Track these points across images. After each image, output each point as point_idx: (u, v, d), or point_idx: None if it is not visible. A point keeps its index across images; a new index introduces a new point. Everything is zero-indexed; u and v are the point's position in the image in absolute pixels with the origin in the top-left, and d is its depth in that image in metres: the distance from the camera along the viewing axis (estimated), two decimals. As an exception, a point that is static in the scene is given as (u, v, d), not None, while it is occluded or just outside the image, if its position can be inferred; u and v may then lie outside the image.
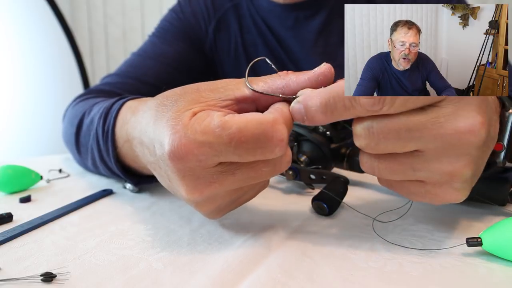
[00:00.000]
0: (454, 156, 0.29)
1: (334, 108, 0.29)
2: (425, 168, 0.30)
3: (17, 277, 0.29)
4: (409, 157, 0.30)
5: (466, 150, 0.29)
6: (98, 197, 0.45)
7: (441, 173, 0.30)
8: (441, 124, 0.28)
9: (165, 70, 0.72)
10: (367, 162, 0.32)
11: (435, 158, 0.29)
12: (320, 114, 0.29)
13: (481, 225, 0.38)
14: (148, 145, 0.34)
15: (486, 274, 0.30)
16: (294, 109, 0.31)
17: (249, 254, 0.33)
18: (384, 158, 0.31)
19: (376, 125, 0.29)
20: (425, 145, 0.29)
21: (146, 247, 0.34)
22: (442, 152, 0.29)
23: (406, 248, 0.33)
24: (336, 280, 0.29)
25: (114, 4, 1.82)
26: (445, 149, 0.29)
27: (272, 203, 0.44)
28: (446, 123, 0.28)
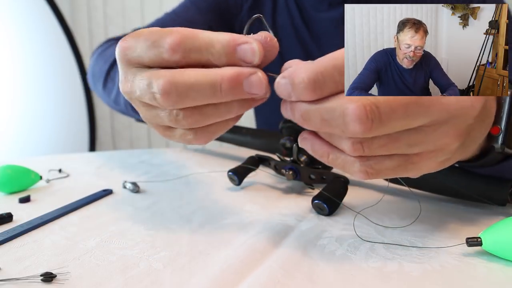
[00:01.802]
0: (451, 127, 0.28)
1: (323, 84, 0.26)
2: (421, 143, 0.28)
3: (17, 277, 0.29)
4: (406, 133, 0.27)
5: (463, 121, 0.28)
6: (98, 197, 0.45)
7: (434, 145, 0.28)
8: (444, 95, 0.27)
9: None
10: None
11: (433, 131, 0.28)
12: (309, 91, 0.26)
13: (481, 225, 0.38)
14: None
15: (486, 274, 0.30)
16: (279, 85, 0.28)
17: (249, 254, 0.33)
18: (379, 137, 0.28)
19: (382, 103, 0.25)
20: (431, 119, 0.27)
21: (146, 247, 0.34)
22: (440, 125, 0.27)
23: (406, 248, 0.33)
24: (336, 280, 0.29)
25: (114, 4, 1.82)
26: (445, 121, 0.27)
27: (272, 203, 0.44)
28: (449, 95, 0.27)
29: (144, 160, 0.62)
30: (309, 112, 0.27)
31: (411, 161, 0.29)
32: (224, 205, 0.44)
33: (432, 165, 0.30)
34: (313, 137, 0.30)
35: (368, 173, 0.29)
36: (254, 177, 0.52)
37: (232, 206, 0.43)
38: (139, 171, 0.56)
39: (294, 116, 0.29)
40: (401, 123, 0.26)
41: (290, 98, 0.28)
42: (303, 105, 0.27)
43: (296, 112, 0.28)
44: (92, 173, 0.56)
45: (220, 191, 0.48)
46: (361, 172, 0.29)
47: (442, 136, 0.28)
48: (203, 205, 0.44)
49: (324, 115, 0.27)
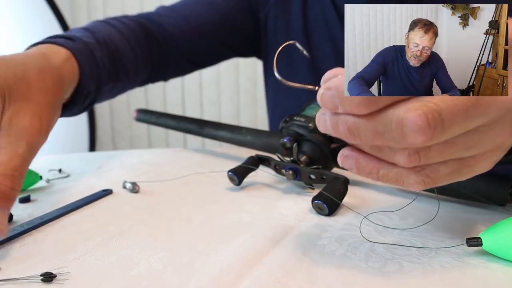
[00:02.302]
0: (507, 123, 0.26)
1: (378, 98, 0.24)
2: (478, 144, 0.26)
3: (17, 277, 0.29)
4: (463, 136, 0.25)
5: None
6: (98, 197, 0.45)
7: (491, 145, 0.27)
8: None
9: (211, 20, 0.72)
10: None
11: (490, 130, 0.26)
12: (362, 106, 0.24)
13: (481, 225, 0.38)
14: None
15: (486, 274, 0.30)
16: (323, 96, 0.26)
17: (249, 254, 0.33)
18: (436, 144, 0.26)
19: (445, 109, 0.23)
20: (489, 119, 0.25)
21: (146, 247, 0.34)
22: (496, 123, 0.26)
23: (406, 248, 0.33)
24: (336, 280, 0.29)
25: (114, 4, 1.82)
26: (500, 118, 0.26)
27: (272, 203, 0.44)
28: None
29: (144, 160, 0.62)
30: (359, 126, 0.25)
31: (467, 164, 0.27)
32: (224, 205, 0.44)
33: (487, 166, 0.28)
34: (357, 154, 0.28)
35: (425, 183, 0.27)
36: (254, 177, 0.52)
37: (232, 206, 0.43)
38: (139, 171, 0.56)
39: (338, 130, 0.26)
40: (461, 127, 0.25)
41: (336, 110, 0.26)
42: (351, 118, 0.25)
43: (341, 125, 0.26)
44: (92, 173, 0.56)
45: (220, 191, 0.48)
46: (417, 183, 0.27)
47: (499, 134, 0.26)
48: (203, 205, 0.44)
49: (377, 128, 0.25)
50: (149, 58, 0.66)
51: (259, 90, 1.76)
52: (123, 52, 0.59)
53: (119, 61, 0.58)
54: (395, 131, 0.24)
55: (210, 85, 1.82)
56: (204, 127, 0.66)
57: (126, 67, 0.60)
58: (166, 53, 0.70)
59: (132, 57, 0.61)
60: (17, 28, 1.43)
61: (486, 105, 0.25)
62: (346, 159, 0.28)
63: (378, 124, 0.25)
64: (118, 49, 0.58)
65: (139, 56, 0.63)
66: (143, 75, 0.66)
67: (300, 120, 0.49)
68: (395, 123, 0.24)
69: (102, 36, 0.56)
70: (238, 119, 1.83)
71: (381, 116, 0.24)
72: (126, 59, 0.60)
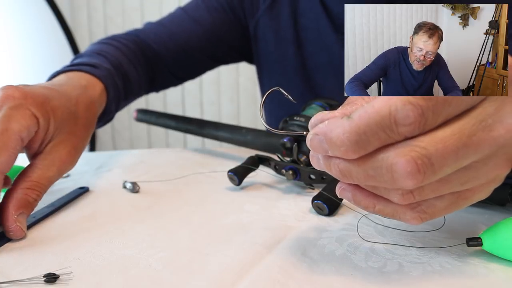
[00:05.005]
0: (501, 157, 0.26)
1: (367, 144, 0.24)
2: (473, 179, 0.26)
3: (19, 279, 0.29)
4: (456, 173, 0.25)
5: (510, 148, 0.26)
6: (76, 195, 0.46)
7: (486, 178, 0.26)
8: (490, 126, 0.25)
9: (196, 36, 0.74)
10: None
11: (484, 165, 0.26)
12: (351, 152, 0.24)
13: (481, 225, 0.38)
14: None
15: (486, 274, 0.30)
16: (312, 141, 0.26)
17: (249, 254, 0.33)
18: (430, 183, 0.26)
19: (434, 153, 0.23)
20: (481, 156, 0.25)
21: (146, 247, 0.34)
22: (490, 158, 0.26)
23: (406, 248, 0.33)
24: (336, 280, 0.29)
25: (114, 4, 1.82)
26: (494, 153, 0.25)
27: (272, 203, 0.44)
28: (494, 124, 0.25)
29: (144, 160, 0.62)
30: (350, 169, 0.26)
31: (463, 197, 0.27)
32: (224, 205, 0.44)
33: (484, 195, 0.28)
34: (353, 188, 0.28)
35: (422, 218, 0.27)
36: (254, 177, 0.52)
37: (232, 206, 0.43)
38: (139, 171, 0.56)
39: (331, 171, 0.27)
40: (452, 167, 0.25)
41: (326, 153, 0.26)
42: (342, 162, 0.26)
43: (333, 168, 0.26)
44: (92, 173, 0.56)
45: (220, 191, 0.48)
46: (414, 219, 0.27)
47: (493, 169, 0.26)
48: (203, 205, 0.44)
49: (368, 171, 0.25)
50: (147, 76, 0.71)
51: (259, 90, 1.76)
52: (130, 74, 0.64)
53: (128, 83, 0.64)
54: (385, 175, 0.24)
55: (210, 85, 1.83)
56: (204, 127, 0.66)
57: (133, 87, 0.65)
58: (155, 69, 0.73)
59: (137, 78, 0.67)
60: (17, 28, 1.43)
61: (477, 144, 0.24)
62: (343, 192, 0.29)
63: (368, 168, 0.25)
64: (126, 72, 0.63)
65: (141, 77, 0.68)
66: (143, 92, 0.72)
67: (300, 120, 0.49)
68: (385, 168, 0.24)
69: (114, 60, 0.61)
70: (238, 119, 1.83)
71: (372, 160, 0.25)
72: (134, 80, 0.65)
